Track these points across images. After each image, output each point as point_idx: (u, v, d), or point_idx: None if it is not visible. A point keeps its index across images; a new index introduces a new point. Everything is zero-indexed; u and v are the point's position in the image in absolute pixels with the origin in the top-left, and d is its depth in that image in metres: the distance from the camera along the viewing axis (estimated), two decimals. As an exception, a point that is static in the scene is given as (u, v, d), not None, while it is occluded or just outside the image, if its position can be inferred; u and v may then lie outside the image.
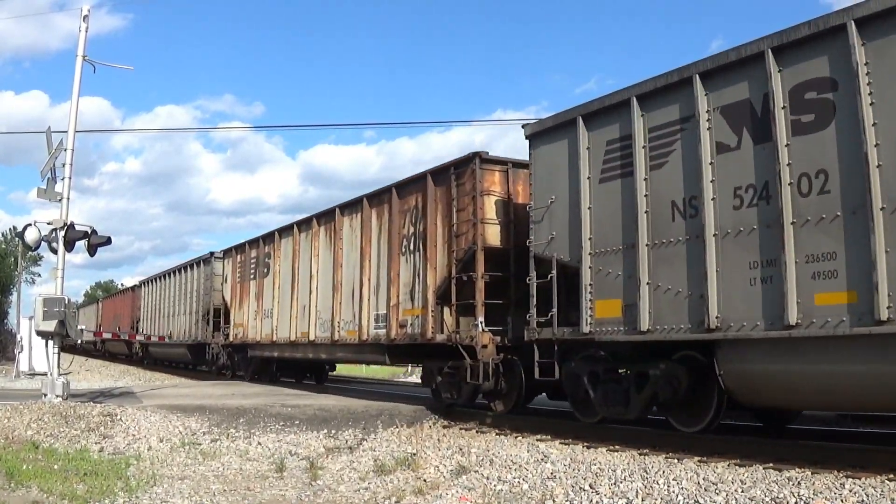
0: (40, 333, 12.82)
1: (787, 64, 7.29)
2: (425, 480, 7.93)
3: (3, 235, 57.91)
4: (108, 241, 13.78)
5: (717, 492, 6.36)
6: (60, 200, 13.08)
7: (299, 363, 19.56)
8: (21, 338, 26.62)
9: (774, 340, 7.19)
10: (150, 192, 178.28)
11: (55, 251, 13.07)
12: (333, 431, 11.08)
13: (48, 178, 13.10)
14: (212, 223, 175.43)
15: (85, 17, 13.69)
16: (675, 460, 7.68)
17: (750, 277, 7.44)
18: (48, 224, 13.05)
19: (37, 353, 23.47)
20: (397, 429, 11.20)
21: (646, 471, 7.23)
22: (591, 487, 6.97)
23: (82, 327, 17.33)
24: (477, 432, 10.51)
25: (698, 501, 6.25)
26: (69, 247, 13.08)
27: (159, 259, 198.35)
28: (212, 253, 24.35)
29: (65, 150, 13.15)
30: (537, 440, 9.49)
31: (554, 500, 6.84)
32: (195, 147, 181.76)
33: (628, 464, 7.66)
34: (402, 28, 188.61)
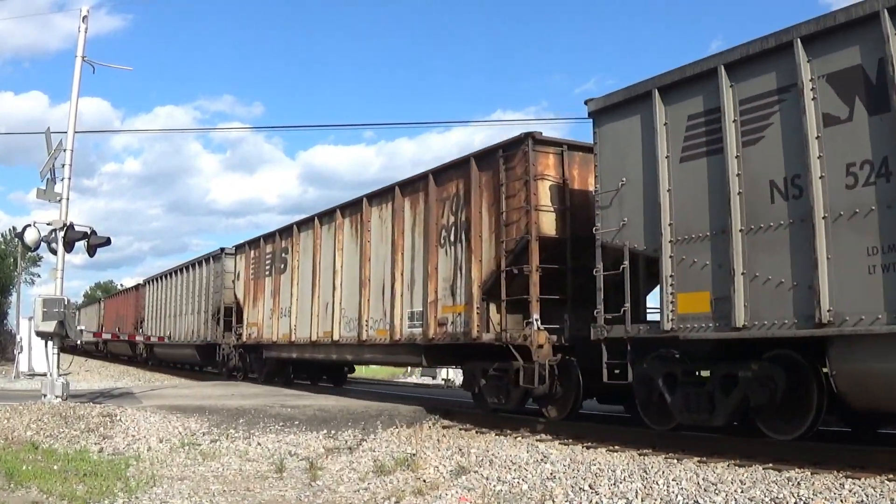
0: (40, 334, 12.83)
1: None
2: (425, 481, 7.92)
3: (2, 236, 57.90)
4: (107, 241, 13.78)
5: (717, 492, 6.36)
6: (60, 201, 13.08)
7: (321, 365, 18.68)
8: (21, 338, 26.65)
9: None
10: (150, 193, 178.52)
11: (55, 252, 13.07)
12: (333, 432, 11.09)
13: (48, 179, 13.11)
14: (211, 223, 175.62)
15: (84, 18, 13.71)
16: (675, 460, 7.69)
17: (868, 265, 6.59)
18: (48, 225, 13.05)
19: (36, 354, 23.49)
20: (397, 429, 11.21)
21: (645, 471, 7.23)
22: (591, 488, 6.97)
23: (82, 328, 17.30)
24: (477, 433, 10.51)
25: (698, 502, 6.25)
26: (69, 247, 13.09)
27: (159, 259, 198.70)
28: (222, 249, 23.21)
29: (64, 150, 13.14)
30: (537, 440, 9.50)
31: (553, 501, 6.84)
32: (195, 147, 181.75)
33: (628, 464, 7.66)
34: (401, 28, 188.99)
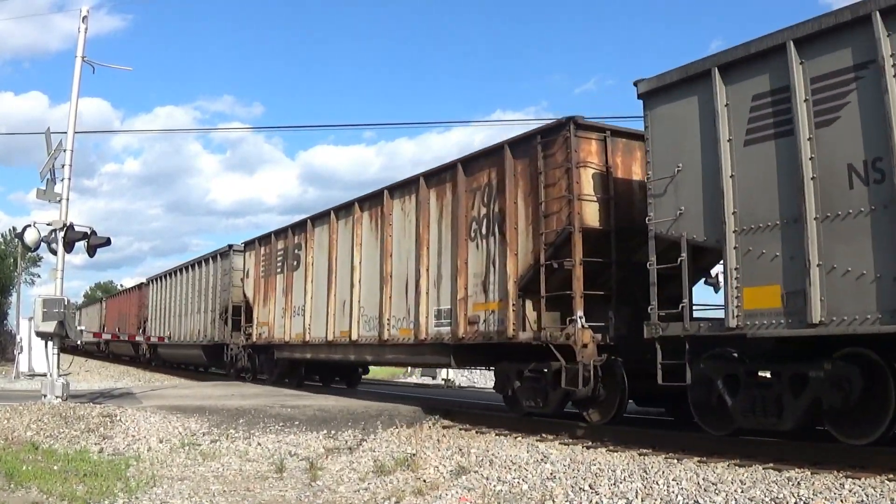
0: (40, 334, 12.83)
1: None
2: (425, 481, 7.93)
3: (2, 236, 57.74)
4: (107, 241, 13.78)
5: (717, 492, 6.36)
6: (60, 201, 13.08)
7: (334, 366, 18.07)
8: (21, 339, 26.65)
9: None
10: (150, 193, 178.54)
11: (55, 252, 13.07)
12: (333, 432, 11.09)
13: (47, 179, 13.11)
14: (211, 224, 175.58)
15: (84, 18, 13.71)
16: (675, 460, 7.69)
17: None
18: (48, 225, 13.05)
19: (36, 354, 23.47)
20: (397, 429, 11.21)
21: (645, 471, 7.24)
22: (591, 488, 6.97)
23: (82, 328, 17.29)
24: (477, 433, 10.51)
25: (698, 502, 6.25)
26: (69, 248, 13.09)
27: (159, 260, 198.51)
28: (230, 245, 22.39)
29: (64, 150, 13.15)
30: (537, 440, 9.50)
31: (553, 501, 6.85)
32: (195, 148, 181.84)
33: (628, 464, 7.66)
34: (400, 28, 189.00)
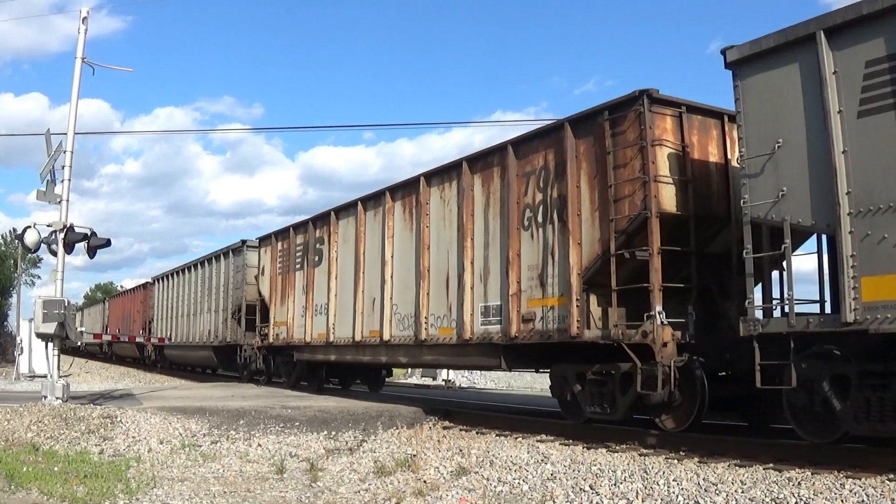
0: (40, 335, 12.81)
1: None
2: (425, 482, 7.92)
3: (2, 237, 57.80)
4: (107, 243, 13.78)
5: (717, 492, 6.37)
6: (60, 202, 13.07)
7: (357, 368, 17.26)
8: (21, 340, 26.62)
9: None
10: (150, 194, 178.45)
11: (55, 253, 13.06)
12: (333, 433, 11.09)
13: (47, 181, 13.10)
14: (211, 225, 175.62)
15: (84, 20, 13.70)
16: (675, 461, 7.69)
17: None
18: (48, 226, 13.04)
19: (36, 356, 23.45)
20: (397, 430, 11.22)
21: (646, 471, 7.24)
22: (592, 488, 6.97)
23: (82, 329, 17.27)
24: (477, 433, 10.51)
25: (698, 502, 6.25)
26: (69, 249, 13.09)
27: (159, 261, 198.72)
28: (243, 241, 21.32)
29: (64, 151, 13.14)
30: (537, 441, 9.50)
31: (554, 501, 6.84)
32: (194, 149, 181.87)
33: (628, 464, 7.67)
34: (400, 30, 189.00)
